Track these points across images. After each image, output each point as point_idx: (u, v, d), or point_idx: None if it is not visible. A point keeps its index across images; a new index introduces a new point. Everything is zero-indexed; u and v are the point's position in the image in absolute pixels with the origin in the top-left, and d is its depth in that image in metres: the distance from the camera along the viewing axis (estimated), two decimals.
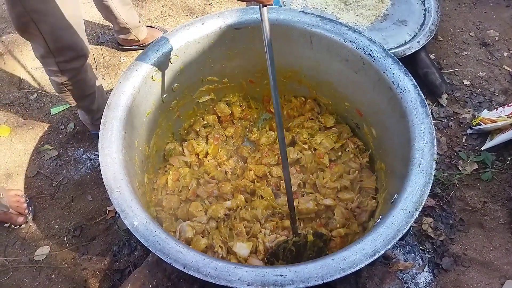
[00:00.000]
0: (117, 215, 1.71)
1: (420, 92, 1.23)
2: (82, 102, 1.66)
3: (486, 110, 1.95)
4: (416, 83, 1.26)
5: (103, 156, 1.13)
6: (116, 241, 1.65)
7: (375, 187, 1.49)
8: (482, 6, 2.41)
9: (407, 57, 1.95)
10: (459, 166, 1.80)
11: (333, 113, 1.68)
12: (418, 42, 1.99)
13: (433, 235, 1.61)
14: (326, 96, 1.64)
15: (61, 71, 1.44)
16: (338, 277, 0.93)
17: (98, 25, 2.40)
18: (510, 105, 1.84)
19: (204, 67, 1.52)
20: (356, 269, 0.95)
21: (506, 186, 1.72)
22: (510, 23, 2.30)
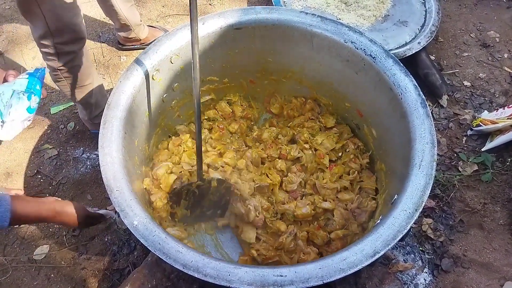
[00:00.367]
0: (116, 215, 1.71)
1: (420, 92, 1.23)
2: (79, 94, 1.65)
3: (486, 111, 1.95)
4: (416, 84, 1.26)
5: (103, 155, 1.13)
6: (115, 240, 1.65)
7: (375, 188, 1.49)
8: (482, 7, 2.41)
9: (408, 58, 1.95)
10: (459, 167, 1.80)
11: (333, 113, 1.68)
12: (419, 43, 2.00)
13: (433, 236, 1.60)
14: (326, 96, 1.64)
15: (58, 54, 1.45)
16: (338, 277, 0.94)
17: (98, 24, 2.39)
18: (510, 106, 1.83)
19: (204, 67, 1.52)
20: (356, 269, 0.95)
21: (506, 187, 1.72)
22: (510, 25, 2.30)
